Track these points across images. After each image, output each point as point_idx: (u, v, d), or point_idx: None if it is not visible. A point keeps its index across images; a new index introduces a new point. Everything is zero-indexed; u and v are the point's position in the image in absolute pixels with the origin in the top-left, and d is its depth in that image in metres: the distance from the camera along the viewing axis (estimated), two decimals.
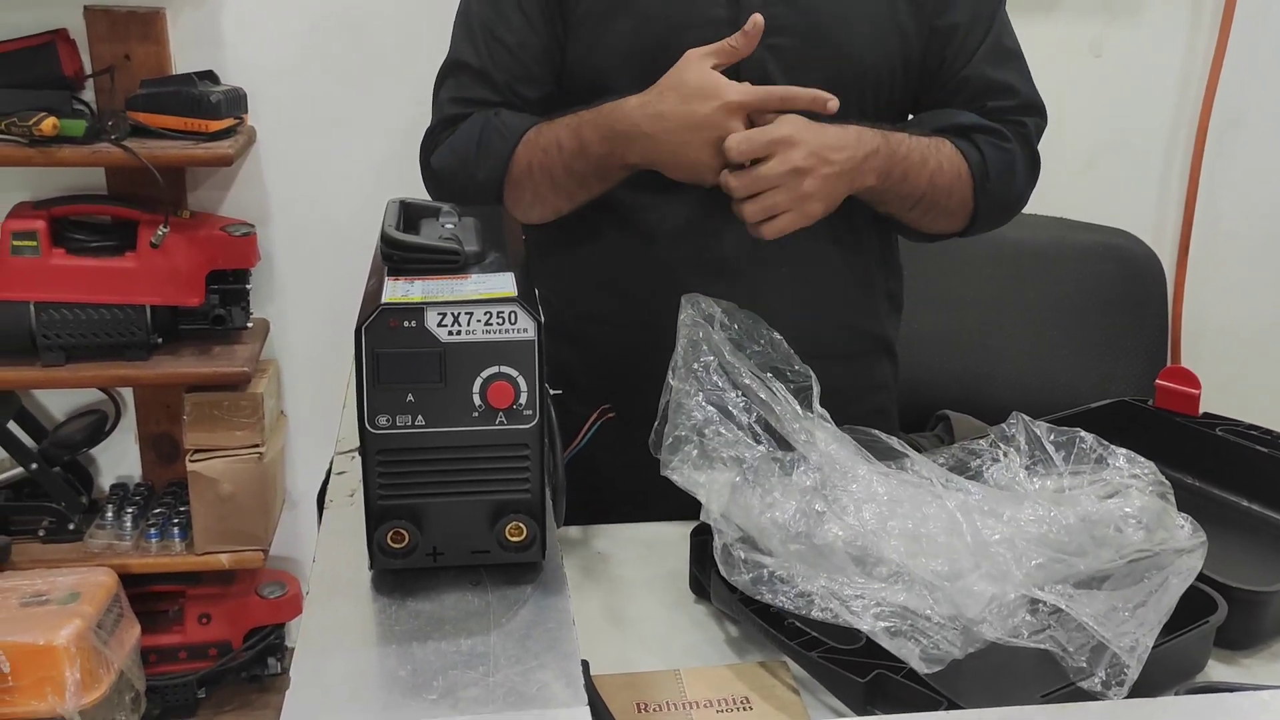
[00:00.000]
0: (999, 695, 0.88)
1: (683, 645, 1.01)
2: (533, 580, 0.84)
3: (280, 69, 2.21)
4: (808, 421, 1.01)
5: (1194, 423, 1.29)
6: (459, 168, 1.26)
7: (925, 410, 1.77)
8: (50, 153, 1.97)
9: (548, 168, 1.22)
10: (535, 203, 1.25)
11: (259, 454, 2.14)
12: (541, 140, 1.22)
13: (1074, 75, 2.35)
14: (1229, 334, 2.51)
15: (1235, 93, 2.42)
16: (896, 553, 0.92)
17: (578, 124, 1.20)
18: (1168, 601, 0.90)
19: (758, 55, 1.20)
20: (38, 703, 1.88)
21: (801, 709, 0.92)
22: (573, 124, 1.21)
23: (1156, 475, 0.99)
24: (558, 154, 1.21)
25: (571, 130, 1.20)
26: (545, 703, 0.71)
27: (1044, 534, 0.93)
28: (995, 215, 1.33)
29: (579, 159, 1.20)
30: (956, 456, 1.06)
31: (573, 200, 1.25)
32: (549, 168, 1.22)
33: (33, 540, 2.20)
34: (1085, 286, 1.94)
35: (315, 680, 0.73)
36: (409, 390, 0.80)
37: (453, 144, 1.27)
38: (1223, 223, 2.50)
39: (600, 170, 1.20)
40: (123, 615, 2.08)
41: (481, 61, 1.27)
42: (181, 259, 2.06)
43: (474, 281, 0.84)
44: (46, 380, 2.10)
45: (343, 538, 0.88)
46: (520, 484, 0.83)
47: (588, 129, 1.19)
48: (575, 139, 1.20)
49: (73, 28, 2.12)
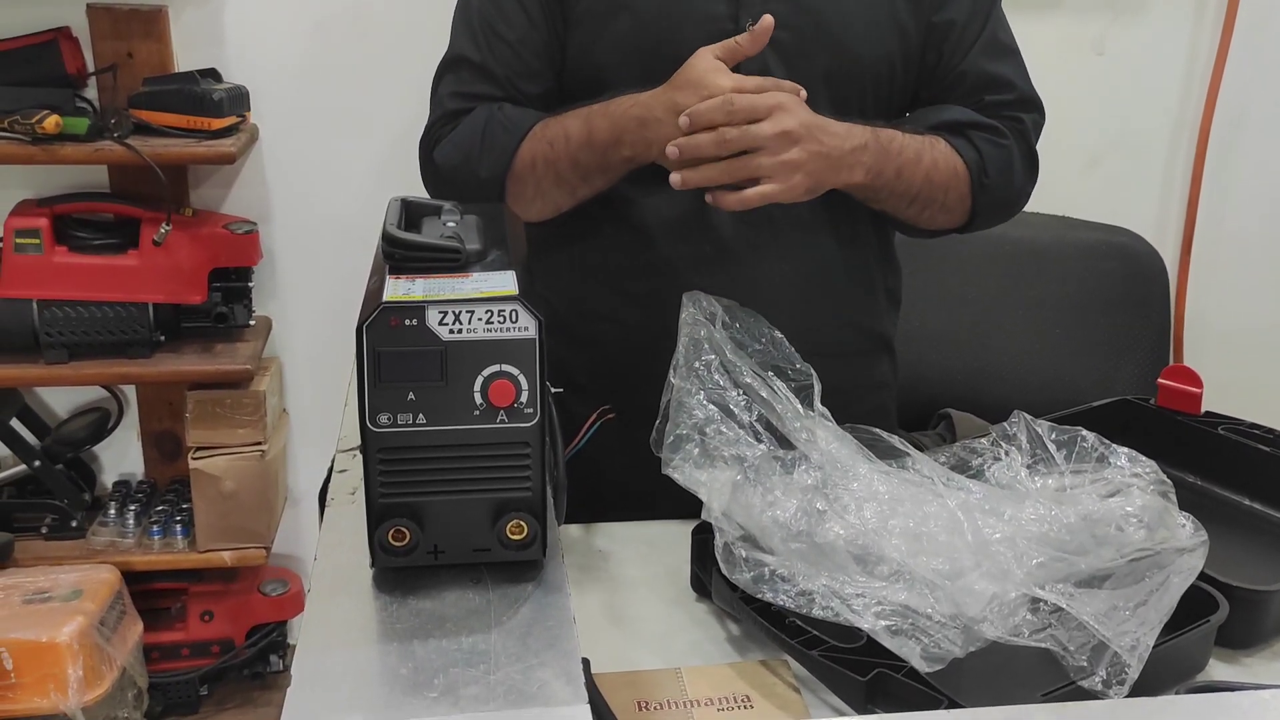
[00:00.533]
0: (1000, 694, 0.88)
1: (684, 643, 1.01)
2: (533, 578, 0.84)
3: (283, 67, 2.21)
4: (809, 420, 1.01)
5: (1196, 421, 1.29)
6: (462, 163, 1.26)
7: (927, 408, 1.77)
8: (53, 150, 1.97)
9: (553, 160, 1.22)
10: (536, 197, 1.25)
11: (261, 451, 2.14)
12: (548, 133, 1.23)
13: (1077, 73, 2.35)
14: (1231, 333, 2.50)
15: (1238, 91, 2.41)
16: (897, 551, 0.92)
17: (588, 114, 1.21)
18: (1169, 600, 0.90)
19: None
20: (40, 700, 1.88)
21: (802, 707, 0.92)
22: (583, 114, 1.21)
23: (1158, 474, 0.99)
24: (564, 145, 1.21)
25: (582, 120, 1.21)
26: (546, 701, 0.71)
27: (1045, 533, 0.93)
28: (995, 212, 1.33)
29: (585, 149, 1.20)
30: (958, 455, 1.06)
31: (574, 195, 1.25)
32: (554, 160, 1.22)
33: (35, 537, 2.21)
34: (1087, 285, 1.94)
35: (316, 678, 0.73)
36: (410, 389, 0.80)
37: (455, 139, 1.27)
38: (1226, 221, 2.50)
39: (603, 162, 1.20)
40: (125, 612, 2.09)
41: (482, 56, 1.27)
42: (184, 257, 2.06)
43: (475, 280, 0.84)
44: (49, 378, 2.10)
45: (344, 536, 0.88)
46: (521, 482, 0.83)
47: (598, 118, 1.20)
48: (585, 129, 1.20)
49: (75, 25, 2.12)
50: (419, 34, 2.16)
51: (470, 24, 1.28)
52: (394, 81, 2.19)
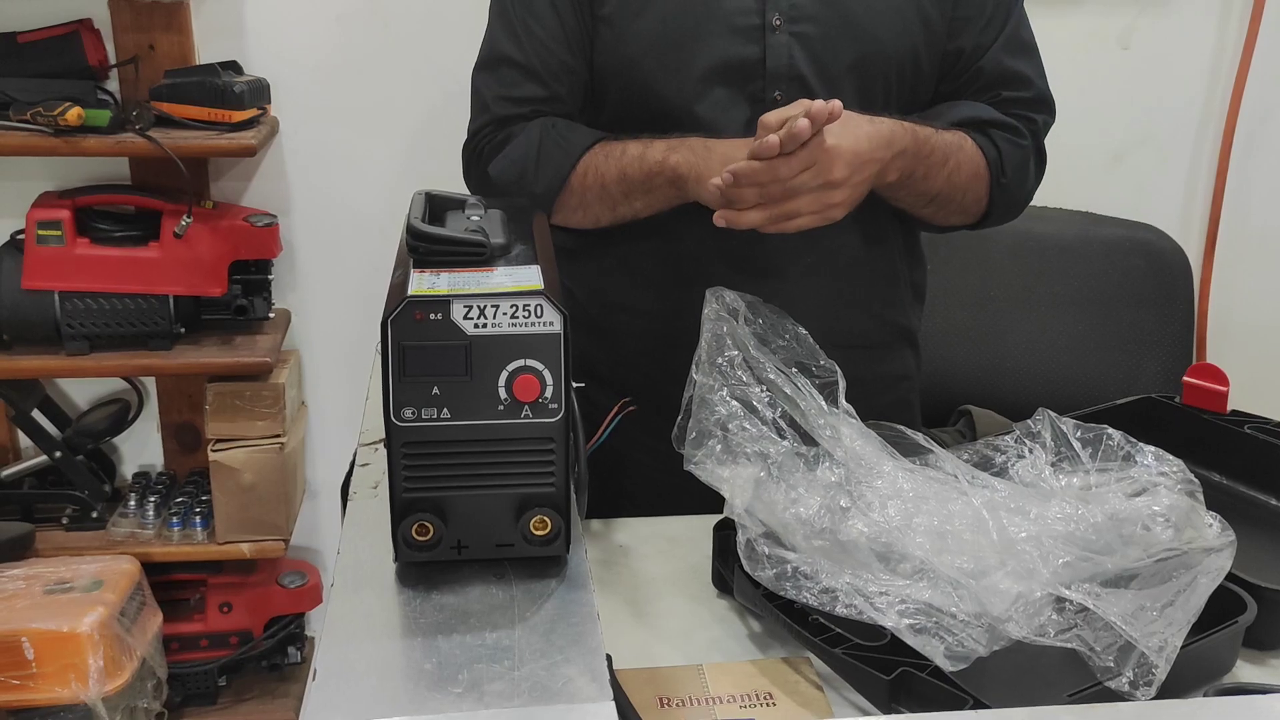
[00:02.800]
0: (1025, 694, 0.87)
1: (705, 640, 1.01)
2: (557, 574, 0.84)
3: (304, 60, 2.21)
4: (833, 417, 1.01)
5: (1222, 420, 1.28)
6: (517, 179, 1.26)
7: (947, 405, 1.76)
8: (75, 143, 1.97)
9: (602, 173, 1.22)
10: (579, 209, 1.26)
11: (280, 444, 2.15)
12: (607, 149, 1.23)
13: (1102, 68, 2.33)
14: (1256, 330, 2.48)
15: (1265, 86, 2.39)
16: (921, 549, 0.91)
17: (650, 138, 1.22)
18: (1196, 601, 0.89)
19: (784, 42, 1.19)
20: (61, 689, 1.89)
21: (825, 705, 0.92)
22: (646, 138, 1.22)
23: (1185, 473, 0.99)
24: (620, 158, 1.21)
25: (642, 142, 1.22)
26: (571, 697, 0.70)
27: (1071, 532, 0.93)
28: (1007, 211, 1.34)
29: (636, 164, 1.21)
30: (981, 453, 1.06)
31: (615, 213, 1.25)
32: (603, 173, 1.22)
33: (56, 528, 2.21)
34: (1111, 281, 1.92)
35: (341, 672, 0.73)
36: (435, 383, 0.80)
37: (510, 154, 1.27)
38: (1250, 217, 2.47)
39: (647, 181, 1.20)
40: (145, 603, 2.09)
41: (526, 56, 1.27)
42: (204, 249, 2.06)
43: (500, 274, 0.84)
44: (70, 369, 2.11)
45: (366, 530, 0.88)
46: (545, 478, 0.83)
47: (658, 142, 1.21)
48: (641, 145, 1.21)
49: (97, 17, 2.12)
50: (439, 26, 2.17)
51: (509, 22, 1.28)
52: (414, 74, 2.19)
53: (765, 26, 1.20)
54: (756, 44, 1.21)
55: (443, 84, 1.34)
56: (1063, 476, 1.01)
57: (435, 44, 2.15)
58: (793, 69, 1.21)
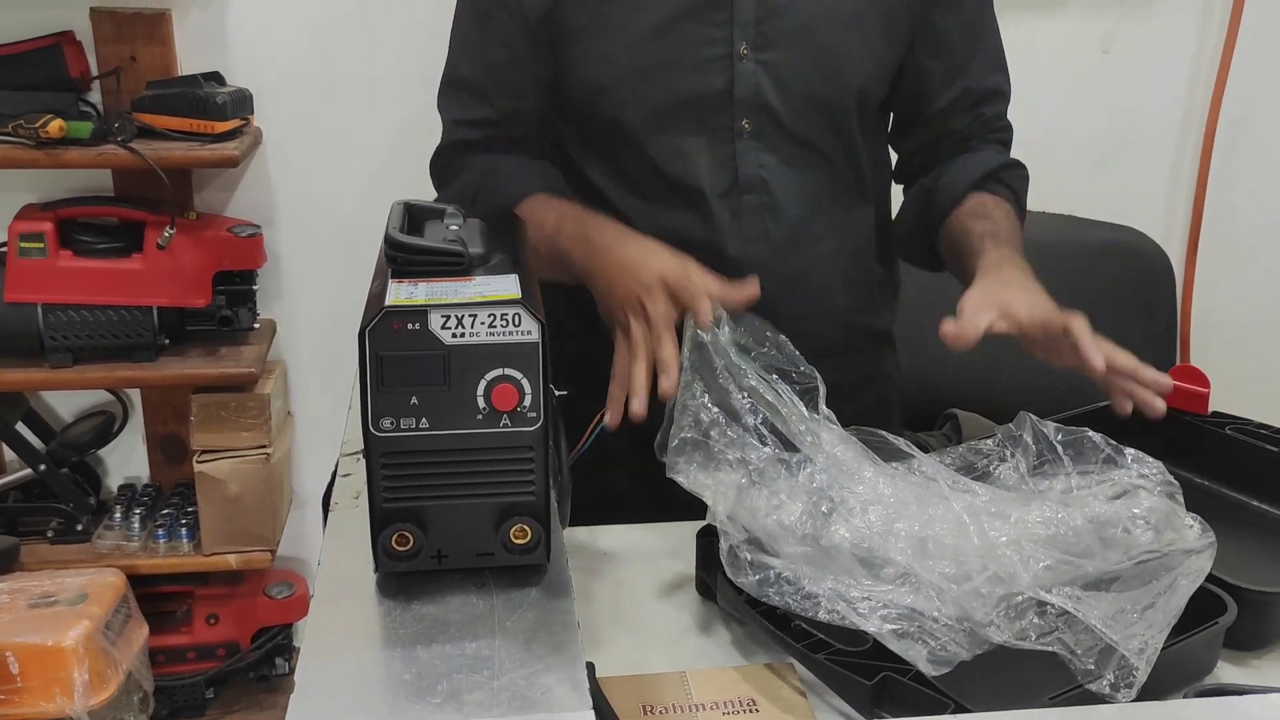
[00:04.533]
0: (1006, 698, 0.87)
1: (689, 647, 1.01)
2: (537, 583, 0.84)
3: (286, 70, 2.21)
4: (814, 423, 1.01)
5: (1203, 421, 1.28)
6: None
7: (933, 409, 1.76)
8: (57, 155, 1.97)
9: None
10: None
11: (266, 455, 2.14)
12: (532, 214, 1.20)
13: (1083, 72, 2.34)
14: (1238, 332, 2.50)
15: (1245, 89, 2.40)
16: (903, 554, 0.91)
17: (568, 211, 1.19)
18: (1176, 603, 0.89)
19: (750, 70, 1.20)
20: (46, 703, 1.88)
21: (808, 711, 0.92)
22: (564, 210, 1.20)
23: (1165, 475, 0.99)
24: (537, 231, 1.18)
25: (558, 214, 1.19)
26: (550, 707, 0.70)
27: (1052, 535, 0.93)
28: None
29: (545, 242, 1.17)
30: (963, 457, 1.06)
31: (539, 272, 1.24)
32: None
33: (41, 541, 2.21)
34: (1094, 284, 1.92)
35: (320, 684, 0.73)
36: (413, 393, 0.80)
37: (454, 190, 1.28)
38: (1232, 220, 2.49)
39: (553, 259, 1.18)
40: (131, 616, 2.09)
41: (479, 78, 1.27)
42: (188, 260, 2.06)
43: (478, 284, 0.84)
44: (54, 382, 2.10)
45: (347, 540, 0.88)
46: (525, 486, 0.82)
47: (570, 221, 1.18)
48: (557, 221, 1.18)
49: (79, 29, 2.12)
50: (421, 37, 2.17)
51: (466, 43, 1.28)
52: (397, 84, 2.19)
53: (733, 55, 1.19)
54: (724, 74, 1.20)
55: (424, 94, 1.34)
56: (1045, 480, 1.01)
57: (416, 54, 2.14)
58: (759, 97, 1.21)
